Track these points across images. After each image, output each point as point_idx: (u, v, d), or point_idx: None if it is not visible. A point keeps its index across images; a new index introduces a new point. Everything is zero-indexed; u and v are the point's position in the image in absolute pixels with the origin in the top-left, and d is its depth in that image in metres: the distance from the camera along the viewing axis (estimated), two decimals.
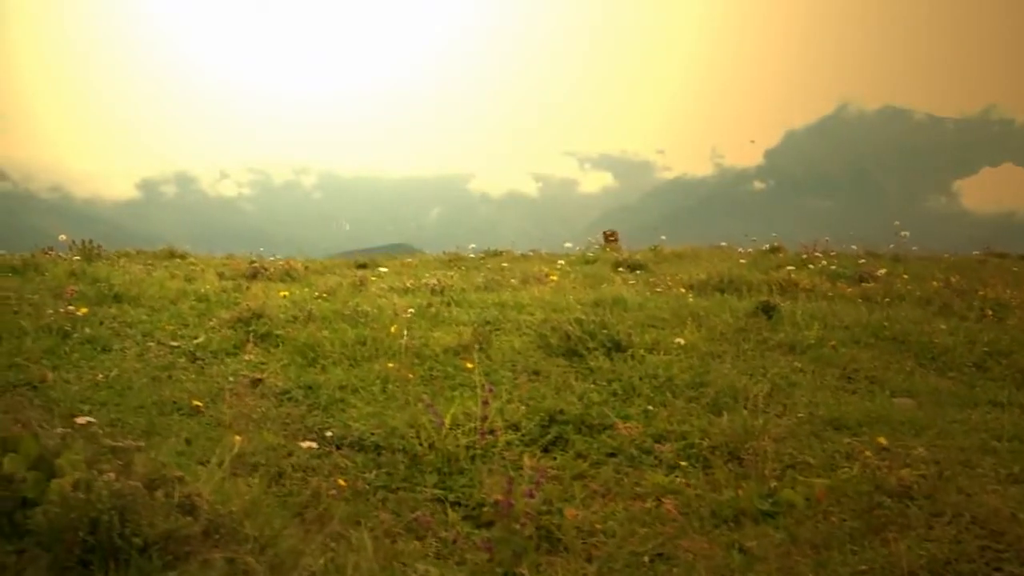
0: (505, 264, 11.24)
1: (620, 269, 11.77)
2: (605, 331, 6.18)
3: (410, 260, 15.78)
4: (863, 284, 8.97)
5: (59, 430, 3.28)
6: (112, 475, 3.12)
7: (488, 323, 6.71)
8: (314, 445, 4.25)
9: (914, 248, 13.75)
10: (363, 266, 14.81)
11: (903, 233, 12.87)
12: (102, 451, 3.33)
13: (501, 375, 5.71)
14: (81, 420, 3.38)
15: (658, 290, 8.14)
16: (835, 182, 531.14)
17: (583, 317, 6.41)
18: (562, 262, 11.31)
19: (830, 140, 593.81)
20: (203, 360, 5.81)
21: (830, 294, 8.45)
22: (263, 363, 5.77)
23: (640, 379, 5.63)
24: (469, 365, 5.59)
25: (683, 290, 8.28)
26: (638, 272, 10.75)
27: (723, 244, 15.31)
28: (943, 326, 7.01)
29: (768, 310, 7.00)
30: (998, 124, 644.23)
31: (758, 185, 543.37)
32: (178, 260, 16.27)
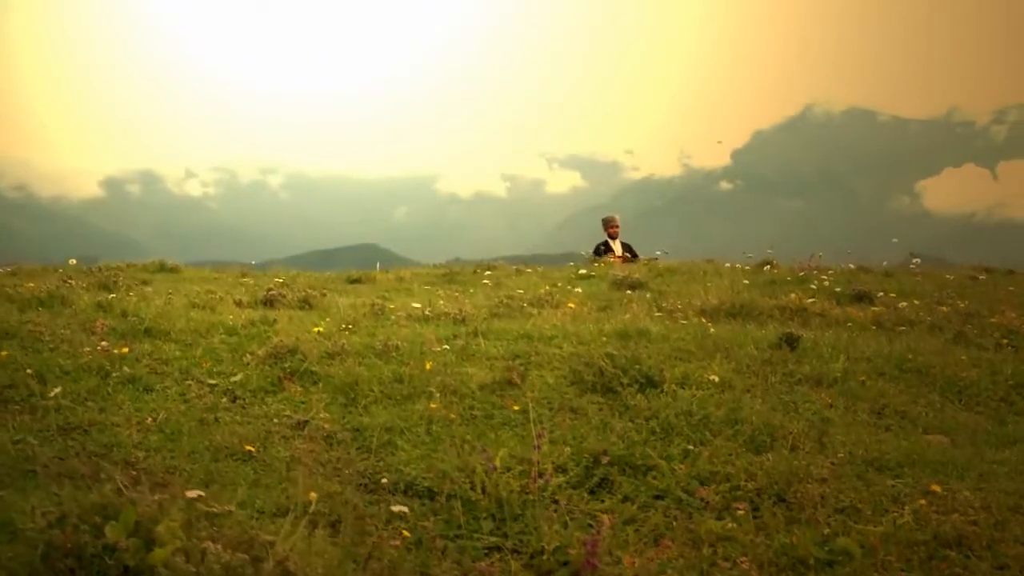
0: (519, 290, 11.22)
1: (622, 288, 11.86)
2: (637, 366, 6.23)
3: (404, 274, 15.82)
4: (873, 308, 9.07)
5: (156, 497, 3.31)
6: (212, 543, 3.16)
7: (518, 357, 6.74)
8: (405, 509, 4.28)
9: (915, 263, 13.87)
10: (356, 280, 14.82)
11: (914, 260, 12.98)
12: (196, 516, 3.37)
13: (539, 413, 5.76)
14: (192, 494, 3.40)
15: (682, 322, 8.16)
16: (802, 182, 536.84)
17: (614, 352, 6.47)
18: (577, 287, 11.33)
19: (797, 141, 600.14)
20: (243, 400, 5.83)
21: (843, 320, 8.55)
22: (304, 402, 5.79)
23: (676, 416, 5.68)
24: (516, 407, 5.65)
25: (704, 320, 8.32)
26: (644, 293, 10.81)
27: (727, 264, 15.34)
28: (964, 357, 7.10)
29: (791, 341, 7.08)
30: (960, 126, 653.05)
31: (725, 186, 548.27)
32: (169, 272, 16.27)
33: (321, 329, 6.92)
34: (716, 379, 6.13)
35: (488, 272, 15.77)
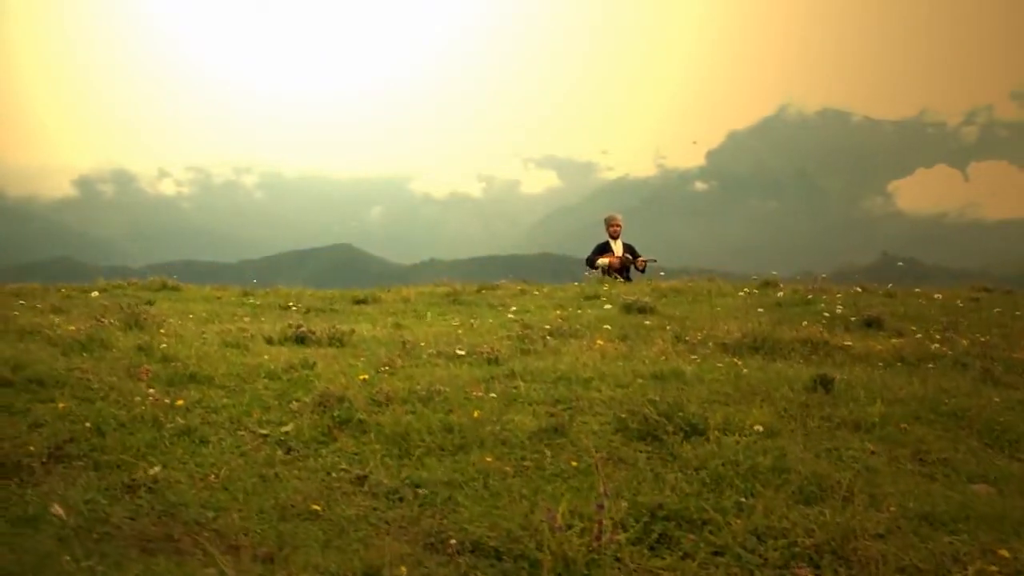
0: (532, 316, 11.28)
1: (632, 312, 11.95)
2: (680, 413, 6.30)
3: (408, 293, 15.87)
4: (893, 340, 9.15)
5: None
6: None
7: (559, 402, 6.78)
8: None
9: (939, 295, 13.90)
10: (362, 301, 14.87)
11: (925, 289, 13.08)
12: None
13: (590, 463, 5.82)
14: None
15: (718, 365, 8.15)
16: (776, 183, 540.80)
17: (655, 397, 6.55)
18: (587, 310, 11.38)
19: (771, 141, 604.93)
20: (297, 451, 5.85)
21: (865, 354, 8.60)
22: (358, 454, 5.82)
23: (724, 465, 5.72)
24: (574, 463, 5.71)
25: (729, 356, 8.40)
26: (661, 322, 10.91)
27: (732, 285, 15.41)
28: (996, 399, 7.17)
29: (826, 384, 7.16)
30: (932, 126, 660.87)
31: (700, 186, 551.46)
32: (170, 291, 16.30)
33: (366, 377, 6.94)
34: (760, 428, 6.19)
35: (492, 291, 15.84)
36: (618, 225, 18.77)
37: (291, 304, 14.58)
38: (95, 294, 15.30)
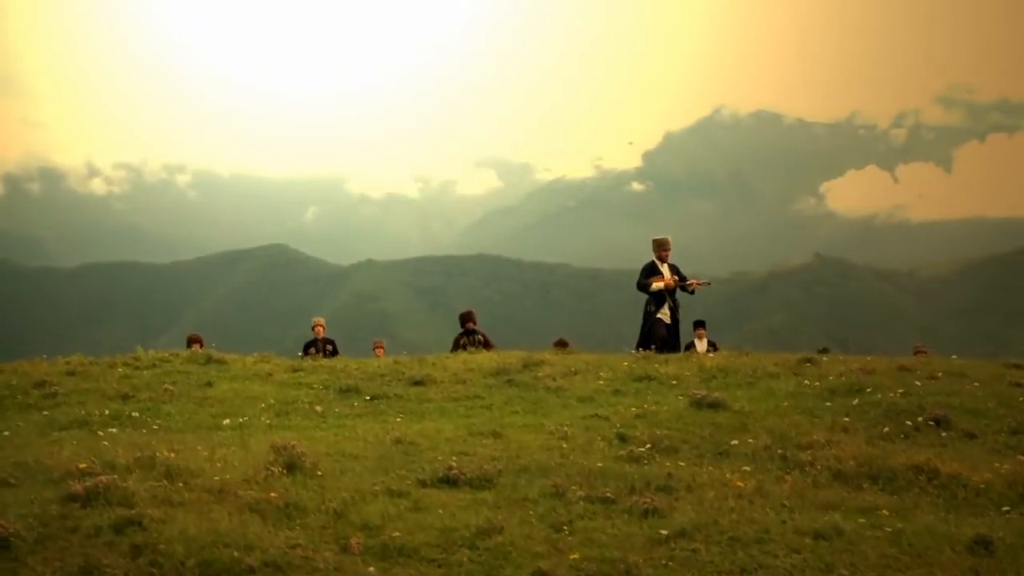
0: (603, 408, 11.25)
1: (703, 408, 12.23)
2: None
3: (458, 371, 16.02)
4: (1000, 467, 9.43)
5: None
6: None
7: (745, 571, 7.06)
8: None
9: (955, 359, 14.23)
10: (419, 383, 14.97)
11: (984, 390, 13.31)
12: None
13: None
14: None
15: (888, 531, 8.10)
16: (712, 184, 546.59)
17: (844, 572, 6.87)
18: (647, 401, 11.57)
19: (707, 142, 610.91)
20: None
21: (983, 487, 8.93)
22: None
23: None
24: None
25: (875, 505, 8.46)
26: (727, 414, 11.21)
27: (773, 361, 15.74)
28: None
29: (986, 544, 7.46)
30: (863, 128, 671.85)
31: (637, 187, 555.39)
32: (217, 364, 16.38)
33: (576, 556, 7.13)
34: None
35: (538, 366, 16.03)
36: (668, 250, 19.12)
37: (350, 384, 14.65)
38: (148, 372, 15.35)
